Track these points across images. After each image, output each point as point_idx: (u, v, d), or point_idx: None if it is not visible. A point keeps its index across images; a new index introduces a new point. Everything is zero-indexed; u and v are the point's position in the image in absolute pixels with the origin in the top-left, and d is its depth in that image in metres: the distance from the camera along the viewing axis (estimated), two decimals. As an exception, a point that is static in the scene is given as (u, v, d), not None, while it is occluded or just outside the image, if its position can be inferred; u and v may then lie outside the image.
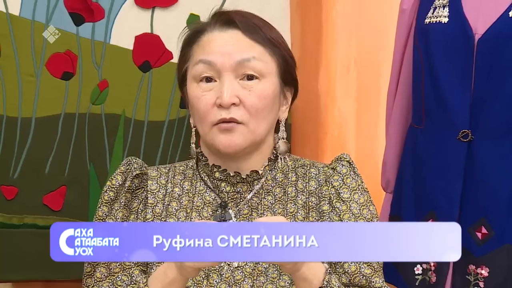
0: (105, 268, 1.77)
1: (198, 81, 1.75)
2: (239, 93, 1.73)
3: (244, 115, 1.73)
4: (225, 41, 1.75)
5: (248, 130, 1.75)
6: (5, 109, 2.31)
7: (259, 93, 1.74)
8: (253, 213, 1.78)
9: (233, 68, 1.73)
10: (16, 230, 2.32)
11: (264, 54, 1.76)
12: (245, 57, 1.73)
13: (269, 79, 1.76)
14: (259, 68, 1.74)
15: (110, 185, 1.80)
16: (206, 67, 1.74)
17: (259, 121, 1.75)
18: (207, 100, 1.74)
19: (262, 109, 1.75)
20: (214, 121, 1.74)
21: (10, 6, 2.29)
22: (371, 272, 1.76)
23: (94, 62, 2.33)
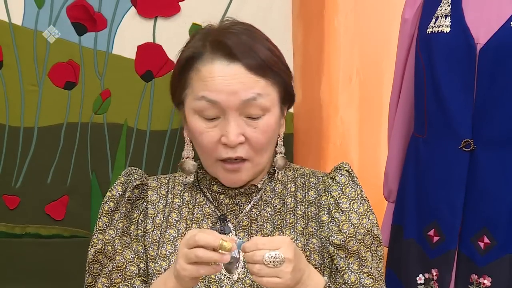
0: (106, 278, 1.78)
1: (200, 115, 1.74)
2: (244, 131, 1.72)
3: (249, 152, 1.74)
4: (229, 79, 1.71)
5: (252, 166, 1.76)
6: (7, 119, 2.31)
7: (264, 129, 1.74)
8: (253, 225, 1.80)
9: (238, 107, 1.71)
10: (18, 240, 2.32)
11: (267, 87, 1.74)
12: (251, 96, 1.71)
13: (272, 111, 1.75)
14: (264, 104, 1.73)
15: (110, 196, 1.82)
16: (210, 105, 1.72)
17: (263, 154, 1.76)
18: (211, 137, 1.73)
19: (267, 143, 1.76)
20: (219, 158, 1.74)
21: (12, 16, 2.29)
22: (372, 283, 1.76)
23: (97, 72, 2.34)
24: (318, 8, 2.44)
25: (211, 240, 1.55)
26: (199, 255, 1.55)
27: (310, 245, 1.78)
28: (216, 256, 1.55)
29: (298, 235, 1.79)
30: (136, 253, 1.79)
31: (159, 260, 1.78)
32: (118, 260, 1.78)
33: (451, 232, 2.09)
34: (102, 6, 2.32)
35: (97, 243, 1.80)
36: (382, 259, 1.83)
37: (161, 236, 1.80)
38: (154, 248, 1.79)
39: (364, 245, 1.78)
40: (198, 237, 1.55)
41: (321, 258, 1.78)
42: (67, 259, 2.32)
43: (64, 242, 2.35)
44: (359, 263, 1.77)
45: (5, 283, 2.32)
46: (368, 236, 1.78)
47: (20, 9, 2.29)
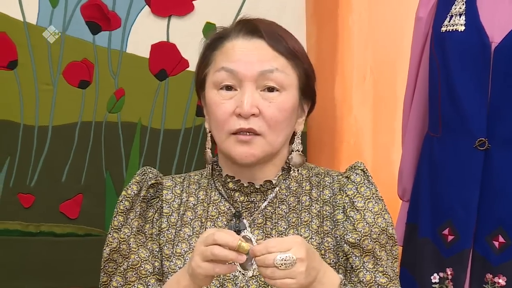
0: (121, 277, 1.78)
1: (218, 88, 1.76)
2: (259, 104, 1.73)
3: (262, 126, 1.74)
4: (249, 50, 1.74)
5: (265, 142, 1.75)
6: (22, 118, 2.32)
7: (279, 105, 1.74)
8: (267, 222, 1.79)
9: (255, 78, 1.73)
10: (33, 238, 2.34)
11: (287, 67, 1.76)
12: (268, 68, 1.73)
13: (289, 91, 1.76)
14: (280, 80, 1.74)
15: (126, 195, 1.82)
16: (228, 75, 1.74)
17: (277, 133, 1.76)
18: (226, 108, 1.74)
19: (282, 121, 1.75)
20: (232, 129, 1.74)
21: (27, 15, 2.30)
22: (387, 281, 1.76)
23: (111, 71, 2.35)
24: (332, 7, 2.44)
25: (229, 240, 1.55)
26: (215, 253, 1.55)
27: (325, 244, 1.78)
28: (232, 255, 1.55)
29: (313, 234, 1.78)
30: (151, 251, 1.80)
31: (174, 258, 1.78)
32: (133, 258, 1.79)
33: (466, 231, 2.09)
34: (116, 5, 2.33)
35: (112, 241, 1.80)
36: (397, 258, 1.83)
37: (176, 234, 1.80)
38: (169, 247, 1.79)
39: (379, 244, 1.77)
40: (217, 236, 1.55)
41: (335, 257, 1.77)
42: (81, 258, 2.33)
43: (78, 240, 2.35)
44: (374, 262, 1.76)
45: (19, 281, 2.33)
46: (383, 235, 1.78)
47: (34, 8, 2.30)
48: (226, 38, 1.78)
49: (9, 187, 2.33)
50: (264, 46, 1.75)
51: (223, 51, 1.77)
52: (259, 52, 1.74)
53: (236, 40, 1.76)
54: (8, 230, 2.33)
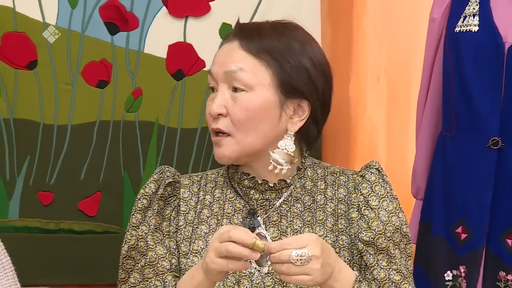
0: (139, 274, 1.79)
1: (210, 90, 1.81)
2: (227, 104, 1.75)
3: (229, 126, 1.75)
4: (223, 52, 1.78)
5: (234, 141, 1.76)
6: (42, 117, 2.33)
7: (243, 105, 1.74)
8: (283, 220, 1.80)
9: (224, 78, 1.76)
10: (53, 235, 2.35)
11: (256, 66, 1.75)
12: (232, 68, 1.75)
13: (258, 91, 1.75)
14: (245, 79, 1.74)
15: (144, 193, 1.83)
16: (210, 77, 1.79)
17: (245, 133, 1.76)
18: (207, 109, 1.79)
19: (246, 120, 1.75)
20: (210, 131, 1.79)
21: (47, 16, 2.31)
22: (401, 279, 1.76)
23: (129, 71, 2.36)
24: (347, 7, 2.44)
25: (245, 237, 1.56)
26: (229, 250, 1.56)
27: (340, 242, 1.78)
28: (246, 252, 1.56)
29: (327, 232, 1.79)
30: (168, 249, 1.80)
31: (191, 255, 1.79)
32: (150, 255, 1.80)
33: (479, 230, 2.08)
34: (134, 6, 2.33)
35: (130, 239, 1.81)
36: (410, 256, 1.83)
37: (193, 232, 1.81)
38: (186, 244, 1.80)
39: (393, 242, 1.78)
40: (233, 233, 1.56)
41: (350, 255, 1.78)
42: (100, 254, 2.34)
43: (97, 237, 2.36)
44: (388, 260, 1.77)
45: (39, 277, 2.34)
46: (397, 233, 1.78)
47: (54, 9, 2.31)
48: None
49: (29, 185, 2.34)
50: (235, 47, 1.77)
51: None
52: (229, 53, 1.77)
53: (223, 45, 1.81)
54: (28, 227, 2.34)
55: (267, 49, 1.75)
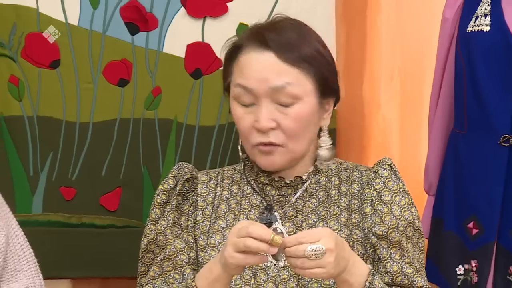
0: (158, 267, 1.80)
1: (238, 101, 1.77)
2: (275, 117, 1.73)
3: (281, 138, 1.74)
4: (261, 66, 1.73)
5: (287, 151, 1.76)
6: (64, 114, 2.34)
7: (295, 116, 1.74)
8: (298, 215, 1.80)
9: (268, 93, 1.73)
10: (75, 229, 2.35)
11: (299, 77, 1.74)
12: (279, 84, 1.72)
13: (305, 100, 1.75)
14: (294, 92, 1.73)
15: (162, 189, 1.83)
16: (244, 92, 1.75)
17: (296, 141, 1.76)
18: (246, 122, 1.75)
19: (300, 130, 1.76)
20: (254, 143, 1.76)
21: (69, 16, 2.32)
22: (413, 272, 1.76)
23: (148, 70, 2.36)
24: (361, 8, 2.44)
25: (263, 233, 1.57)
26: (248, 245, 1.57)
27: (353, 236, 1.78)
28: (264, 246, 1.57)
29: (341, 226, 1.79)
30: (187, 242, 1.81)
31: (209, 249, 1.79)
32: (169, 249, 1.80)
33: (490, 226, 2.08)
34: (154, 6, 2.34)
35: (150, 233, 1.82)
36: (423, 250, 1.83)
37: (210, 226, 1.82)
38: (203, 238, 1.81)
39: (405, 236, 1.78)
40: (251, 229, 1.57)
41: (363, 248, 1.78)
42: (120, 248, 2.34)
43: (118, 232, 2.37)
44: (401, 254, 1.77)
45: (61, 270, 2.35)
46: (409, 228, 1.78)
47: (76, 10, 2.31)
48: (241, 50, 1.78)
49: (52, 181, 2.35)
50: (275, 60, 1.73)
51: (239, 65, 1.77)
52: (269, 67, 1.73)
53: (248, 54, 1.76)
54: (51, 221, 2.35)
55: (304, 57, 1.74)
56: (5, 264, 1.79)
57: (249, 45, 1.76)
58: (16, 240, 1.83)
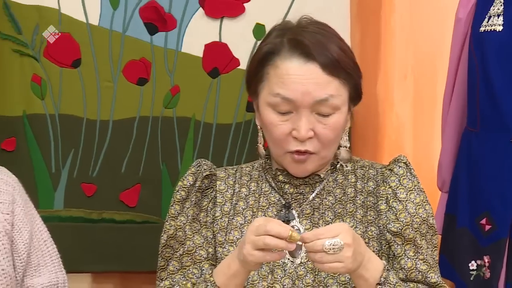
0: (177, 262, 1.80)
1: (274, 109, 1.74)
2: (314, 127, 1.73)
3: (317, 146, 1.74)
4: (304, 78, 1.71)
5: (319, 158, 1.76)
6: (85, 113, 2.34)
7: (334, 126, 1.74)
8: (315, 213, 1.80)
9: (311, 105, 1.72)
10: (95, 225, 2.36)
11: (339, 88, 1.74)
12: (324, 97, 1.71)
13: (342, 109, 1.75)
14: (335, 104, 1.73)
15: (182, 185, 1.83)
16: (284, 102, 1.72)
17: (329, 149, 1.77)
18: (283, 130, 1.73)
19: (334, 139, 1.76)
20: (289, 150, 1.74)
21: (90, 17, 2.33)
22: (427, 268, 1.76)
23: (167, 69, 2.36)
24: (375, 8, 2.43)
25: (281, 230, 1.57)
26: (267, 242, 1.57)
27: (369, 233, 1.78)
28: (282, 243, 1.57)
29: (357, 223, 1.79)
30: (205, 238, 1.81)
31: (227, 245, 1.80)
32: (188, 244, 1.80)
33: (503, 222, 2.07)
34: (172, 7, 2.34)
35: (169, 229, 1.82)
36: (436, 247, 1.83)
37: (228, 223, 1.82)
38: (222, 234, 1.81)
39: (419, 233, 1.77)
40: (270, 226, 1.57)
41: (379, 245, 1.78)
42: (140, 243, 2.35)
43: (137, 227, 2.37)
44: (415, 250, 1.76)
45: (83, 264, 2.36)
46: (423, 225, 1.78)
47: (96, 11, 2.32)
48: (278, 55, 1.74)
49: (73, 177, 2.36)
50: (318, 71, 1.71)
51: (277, 73, 1.73)
52: (314, 80, 1.71)
53: (290, 63, 1.72)
54: (72, 217, 2.36)
55: (343, 66, 1.73)
56: (29, 259, 1.80)
57: (288, 52, 1.73)
58: (39, 236, 1.84)
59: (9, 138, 2.34)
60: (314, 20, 1.81)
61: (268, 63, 1.76)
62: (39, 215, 1.89)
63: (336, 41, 1.76)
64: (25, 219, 1.80)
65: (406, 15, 2.43)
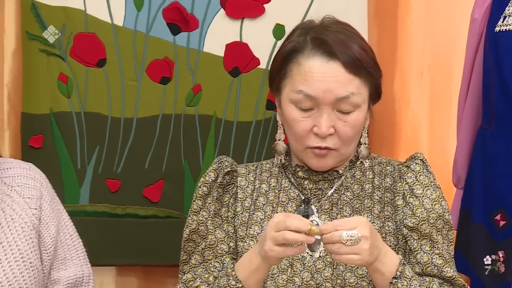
0: (199, 255, 1.81)
1: (296, 106, 1.74)
2: (335, 124, 1.73)
3: (337, 143, 1.74)
4: (327, 76, 1.70)
5: (339, 154, 1.76)
6: (110, 111, 2.35)
7: (353, 124, 1.74)
8: (334, 208, 1.80)
9: (332, 103, 1.71)
10: (120, 219, 2.36)
11: (360, 86, 1.73)
12: (345, 95, 1.71)
13: (362, 107, 1.75)
14: (356, 101, 1.73)
15: (204, 181, 1.83)
16: (307, 99, 1.72)
17: (349, 146, 1.77)
18: (305, 126, 1.73)
19: (354, 136, 1.76)
20: (309, 145, 1.74)
21: (115, 18, 2.34)
22: (442, 263, 1.75)
23: (189, 68, 2.37)
24: (392, 8, 2.43)
25: (301, 224, 1.57)
26: (286, 237, 1.57)
27: (386, 228, 1.78)
28: (302, 237, 1.57)
29: (374, 218, 1.78)
30: (227, 233, 1.81)
31: (248, 239, 1.79)
32: (210, 239, 1.80)
33: (517, 218, 2.07)
34: (195, 8, 2.34)
35: (192, 223, 1.82)
36: (452, 242, 1.81)
37: (249, 218, 1.81)
38: (243, 229, 1.81)
39: (435, 228, 1.76)
40: (289, 222, 1.57)
41: (395, 240, 1.77)
42: (163, 238, 2.36)
43: (160, 222, 2.38)
44: (431, 245, 1.76)
45: (107, 257, 2.37)
46: (439, 220, 1.77)
47: (121, 12, 2.33)
48: (301, 53, 1.74)
49: (98, 173, 2.37)
50: (340, 70, 1.71)
51: (300, 70, 1.73)
52: (336, 78, 1.71)
53: (312, 60, 1.72)
54: (97, 212, 2.37)
55: (364, 65, 1.73)
56: (55, 252, 1.80)
57: (311, 50, 1.73)
58: (66, 230, 1.84)
59: (37, 136, 2.35)
60: (337, 19, 1.81)
61: (291, 60, 1.75)
62: (65, 210, 1.89)
63: (358, 41, 1.76)
64: (52, 214, 1.81)
65: (422, 15, 2.42)
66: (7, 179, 1.80)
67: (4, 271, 1.70)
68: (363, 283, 1.72)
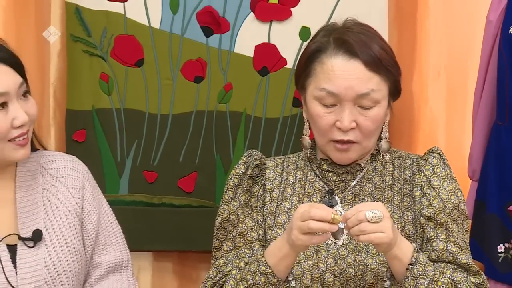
0: (231, 242, 1.82)
1: (320, 102, 1.75)
2: (356, 118, 1.73)
3: (358, 136, 1.74)
4: (348, 74, 1.71)
5: (360, 148, 1.76)
6: (147, 107, 2.36)
7: (374, 118, 1.74)
8: (356, 199, 1.80)
9: (353, 99, 1.72)
10: (156, 209, 2.37)
11: (380, 83, 1.74)
12: (365, 91, 1.72)
13: (382, 103, 1.75)
14: (376, 98, 1.73)
15: (235, 173, 1.84)
16: (329, 96, 1.73)
17: (370, 139, 1.77)
18: (328, 121, 1.74)
19: (375, 130, 1.76)
20: (332, 139, 1.75)
21: (152, 21, 2.34)
22: (457, 250, 1.75)
23: (221, 68, 2.37)
24: (411, 12, 2.42)
25: (324, 214, 1.58)
26: (311, 227, 1.58)
27: (405, 217, 1.78)
28: (326, 226, 1.58)
29: (394, 208, 1.78)
30: (256, 221, 1.82)
31: (276, 228, 1.80)
32: (240, 227, 1.81)
33: (530, 208, 2.06)
34: (226, 11, 2.35)
35: (223, 213, 1.83)
36: (467, 231, 1.81)
37: (277, 207, 1.82)
38: (271, 218, 1.82)
39: (451, 218, 1.76)
40: (313, 212, 1.58)
41: (414, 229, 1.77)
42: (196, 226, 2.36)
43: (194, 211, 2.39)
44: (446, 234, 1.75)
45: (144, 244, 2.38)
46: (455, 210, 1.77)
47: (158, 15, 2.34)
48: (324, 53, 1.75)
49: (136, 166, 2.38)
50: (361, 68, 1.72)
51: (323, 69, 1.74)
52: (357, 76, 1.72)
53: (335, 59, 1.73)
54: (135, 201, 2.38)
55: (383, 64, 1.74)
56: (97, 239, 1.82)
57: (334, 50, 1.74)
58: (106, 218, 1.86)
59: (80, 130, 2.37)
60: (358, 21, 1.81)
61: (315, 60, 1.76)
62: (106, 200, 1.91)
63: (378, 41, 1.76)
64: (94, 203, 1.83)
65: (440, 18, 2.41)
66: (52, 171, 1.82)
67: (50, 255, 1.73)
68: (384, 268, 1.72)
